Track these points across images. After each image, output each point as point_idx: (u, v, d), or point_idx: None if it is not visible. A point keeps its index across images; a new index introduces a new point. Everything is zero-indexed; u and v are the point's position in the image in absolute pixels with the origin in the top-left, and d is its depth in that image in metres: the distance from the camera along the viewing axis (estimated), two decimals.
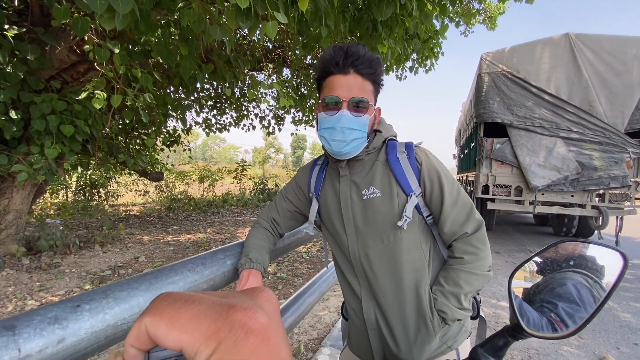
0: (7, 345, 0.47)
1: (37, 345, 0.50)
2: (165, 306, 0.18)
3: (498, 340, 0.49)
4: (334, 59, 0.84)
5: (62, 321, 0.54)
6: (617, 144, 4.92)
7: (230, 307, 0.18)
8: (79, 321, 0.56)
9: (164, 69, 4.12)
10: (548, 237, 6.78)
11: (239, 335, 0.17)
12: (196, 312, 0.18)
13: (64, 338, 0.53)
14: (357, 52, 0.83)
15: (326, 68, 0.86)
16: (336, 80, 0.85)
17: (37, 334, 0.50)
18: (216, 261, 0.94)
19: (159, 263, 4.25)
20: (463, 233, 0.89)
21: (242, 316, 0.17)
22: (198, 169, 12.78)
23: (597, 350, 2.52)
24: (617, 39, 5.01)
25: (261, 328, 0.17)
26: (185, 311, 0.18)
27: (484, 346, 0.51)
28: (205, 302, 0.18)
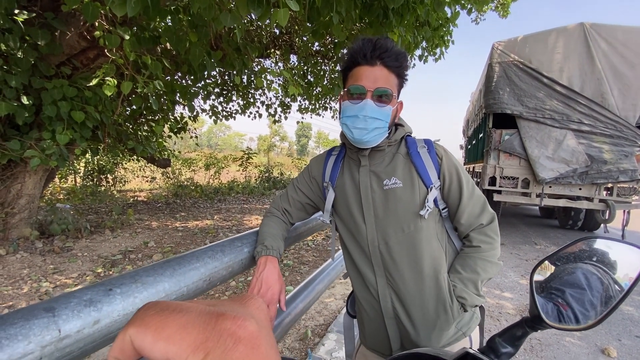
0: (48, 326, 0.50)
1: (75, 326, 0.53)
2: (151, 316, 0.18)
3: (516, 331, 0.51)
4: (362, 50, 0.85)
5: (97, 304, 0.57)
6: (628, 137, 4.85)
7: (219, 315, 0.17)
8: (112, 304, 0.59)
9: (172, 55, 4.11)
10: (553, 230, 6.77)
11: (227, 344, 0.16)
12: (184, 322, 0.17)
13: (99, 320, 0.56)
14: (385, 45, 0.85)
15: (354, 59, 0.88)
16: (362, 71, 0.86)
17: (74, 315, 0.53)
18: (234, 249, 0.97)
19: (168, 249, 4.34)
20: (479, 224, 0.93)
21: (231, 325, 0.17)
22: (204, 156, 12.85)
23: (598, 341, 2.55)
24: (632, 29, 4.87)
25: (251, 337, 0.17)
26: (172, 321, 0.17)
27: (502, 336, 0.52)
28: (193, 311, 0.18)
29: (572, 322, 0.45)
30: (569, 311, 0.45)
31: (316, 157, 1.13)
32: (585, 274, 0.50)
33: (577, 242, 0.50)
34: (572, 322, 0.45)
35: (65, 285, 3.16)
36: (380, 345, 1.01)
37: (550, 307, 0.48)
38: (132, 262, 3.88)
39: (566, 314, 0.46)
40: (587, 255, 0.49)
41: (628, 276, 0.43)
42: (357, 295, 1.04)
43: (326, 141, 72.03)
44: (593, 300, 0.46)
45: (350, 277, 1.06)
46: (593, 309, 0.47)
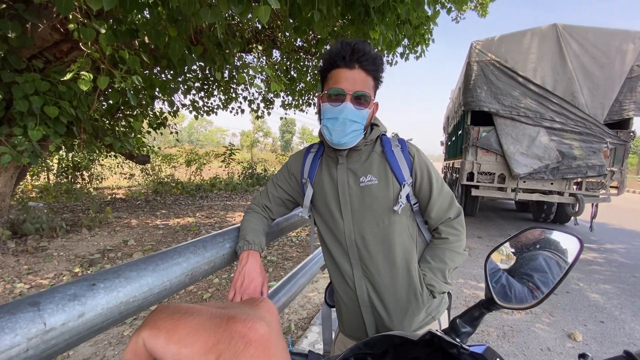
0: (34, 320, 0.51)
1: (60, 319, 0.54)
2: (163, 319, 0.18)
3: (474, 312, 0.57)
4: (341, 53, 0.89)
5: (81, 298, 0.59)
6: (596, 135, 5.12)
7: (230, 318, 0.18)
8: (95, 298, 0.61)
9: (151, 49, 4.01)
10: (528, 223, 7.07)
11: (238, 346, 0.16)
12: (195, 325, 0.17)
13: (83, 313, 0.58)
14: (363, 49, 0.89)
15: (332, 61, 0.91)
16: (341, 74, 0.90)
17: (59, 309, 0.55)
18: (216, 244, 0.99)
19: (149, 247, 4.27)
20: (447, 218, 1.01)
21: (241, 327, 0.17)
22: (185, 152, 12.60)
23: (566, 327, 2.72)
24: (601, 31, 5.12)
25: (261, 339, 0.17)
26: (183, 324, 0.17)
27: (462, 317, 0.58)
28: (204, 313, 0.18)
29: (516, 302, 0.50)
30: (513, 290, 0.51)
31: (295, 154, 1.16)
32: (546, 260, 0.56)
33: (523, 232, 0.56)
34: (516, 302, 0.50)
35: (40, 286, 3.07)
36: (357, 332, 1.06)
37: (502, 290, 0.54)
38: (112, 261, 3.80)
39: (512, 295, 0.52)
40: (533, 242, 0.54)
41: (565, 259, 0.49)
42: (335, 286, 1.09)
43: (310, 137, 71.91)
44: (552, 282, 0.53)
45: (328, 269, 1.11)
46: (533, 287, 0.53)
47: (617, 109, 5.11)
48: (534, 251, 0.53)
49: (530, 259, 0.53)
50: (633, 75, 5.01)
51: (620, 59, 4.99)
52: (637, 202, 12.46)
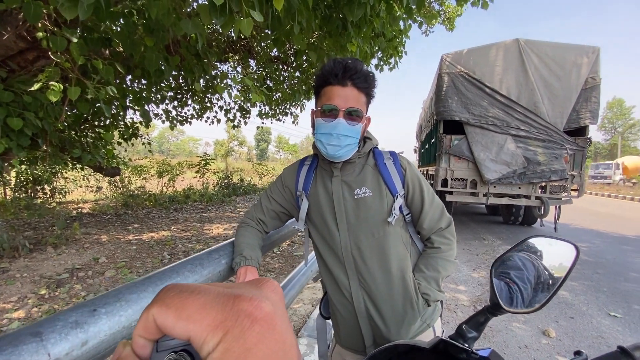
0: (38, 351, 0.48)
1: (64, 349, 0.52)
2: (172, 297, 0.18)
3: (480, 317, 0.60)
4: (334, 71, 0.92)
5: (83, 325, 0.56)
6: (557, 141, 5.50)
7: (236, 297, 0.18)
8: (98, 324, 0.58)
9: (123, 58, 3.89)
10: (498, 226, 7.41)
11: (245, 324, 0.17)
12: (203, 302, 0.18)
13: (87, 341, 0.55)
14: (355, 67, 0.92)
15: (326, 78, 0.95)
16: (334, 91, 0.93)
17: (62, 338, 0.52)
18: (212, 261, 0.97)
19: (122, 264, 4.06)
20: (439, 228, 1.05)
21: (247, 306, 0.18)
22: (156, 163, 12.15)
23: (540, 324, 2.86)
24: (558, 45, 5.55)
25: (266, 317, 0.18)
26: (192, 301, 0.18)
27: (468, 323, 0.61)
28: (211, 292, 0.19)
29: (523, 306, 0.54)
30: (517, 294, 0.55)
31: (289, 167, 1.17)
32: (521, 259, 0.61)
33: (525, 240, 0.60)
34: (523, 306, 0.54)
35: (4, 311, 2.83)
36: (355, 343, 1.07)
37: (506, 294, 0.58)
38: (81, 280, 3.58)
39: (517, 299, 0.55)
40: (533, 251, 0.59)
41: (563, 265, 0.53)
42: (331, 298, 1.10)
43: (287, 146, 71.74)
44: (530, 277, 0.58)
45: (324, 281, 1.12)
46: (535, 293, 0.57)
47: (574, 117, 5.53)
48: (534, 258, 0.57)
49: (531, 265, 0.57)
50: (588, 87, 5.45)
51: (576, 71, 5.42)
52: (595, 204, 13.42)
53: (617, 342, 2.58)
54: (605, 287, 3.77)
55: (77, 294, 3.27)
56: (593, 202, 14.18)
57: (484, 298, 3.39)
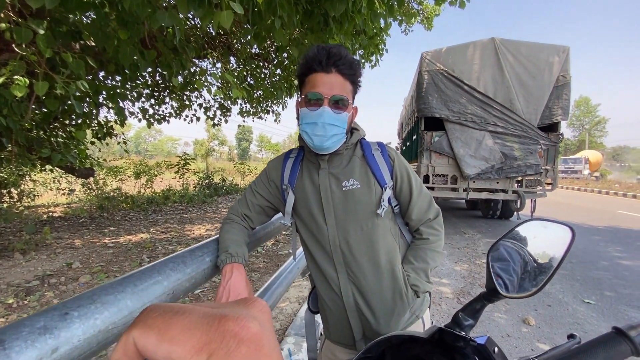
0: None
1: (30, 357, 0.46)
2: (154, 318, 0.18)
3: (476, 305, 0.59)
4: (318, 57, 0.89)
5: (53, 330, 0.51)
6: (532, 137, 5.70)
7: (222, 317, 0.17)
8: (70, 329, 0.53)
9: (96, 52, 3.71)
10: (478, 220, 7.62)
11: (231, 345, 0.16)
12: (187, 323, 0.17)
13: (57, 347, 0.50)
14: (339, 53, 0.89)
15: (309, 65, 0.91)
16: (319, 78, 0.90)
17: (28, 345, 0.47)
18: (195, 259, 0.92)
19: (98, 268, 3.88)
20: (427, 219, 1.04)
21: (234, 326, 0.17)
22: (133, 164, 11.72)
23: (520, 313, 2.95)
24: (532, 45, 5.75)
25: (253, 337, 0.17)
26: (175, 322, 0.17)
27: (465, 310, 0.60)
28: (195, 312, 0.18)
29: (520, 291, 0.53)
30: (514, 279, 0.54)
31: (273, 160, 1.13)
32: (507, 249, 0.60)
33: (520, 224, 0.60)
34: (520, 291, 0.53)
35: None
36: (344, 337, 1.05)
37: (504, 281, 0.57)
38: (53, 287, 3.39)
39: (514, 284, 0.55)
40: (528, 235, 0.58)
41: (559, 248, 0.52)
42: (320, 292, 1.07)
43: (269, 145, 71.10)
44: (515, 268, 0.58)
45: (312, 276, 1.09)
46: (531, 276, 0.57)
47: (547, 114, 5.75)
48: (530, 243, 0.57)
49: (526, 250, 0.57)
50: (559, 84, 5.68)
51: (549, 69, 5.64)
52: (566, 197, 14.07)
53: (592, 328, 2.70)
54: (578, 276, 3.94)
55: (49, 301, 3.10)
56: (565, 195, 14.86)
57: (467, 290, 3.46)
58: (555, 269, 0.52)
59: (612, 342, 0.45)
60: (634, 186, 17.54)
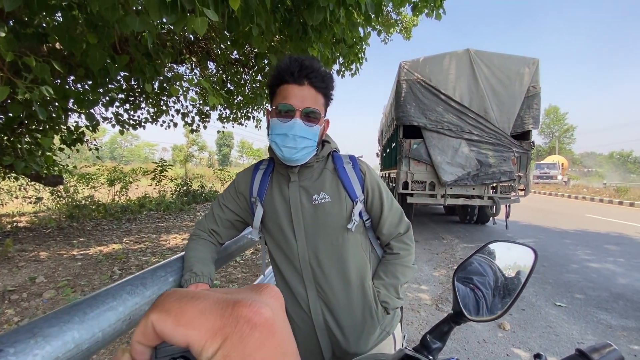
0: None
1: None
2: (171, 302, 0.18)
3: (443, 327, 0.57)
4: (290, 69, 0.87)
5: None
6: (505, 145, 5.91)
7: (236, 302, 0.18)
8: None
9: (64, 56, 3.55)
10: (456, 225, 7.78)
11: (244, 330, 0.17)
12: (202, 308, 0.18)
13: None
14: (312, 66, 0.88)
15: (281, 77, 0.89)
16: (290, 90, 0.88)
17: None
18: (157, 279, 0.87)
19: (64, 283, 3.67)
20: (398, 233, 1.03)
21: (247, 311, 0.17)
22: (107, 171, 11.27)
23: None
24: (504, 56, 5.99)
25: (266, 323, 0.17)
26: (191, 307, 0.18)
27: (432, 333, 0.58)
28: (210, 298, 0.18)
29: (486, 314, 0.53)
30: (481, 300, 0.54)
31: (242, 171, 1.10)
32: (480, 264, 0.60)
33: (485, 246, 0.59)
34: (486, 314, 0.53)
35: None
36: (313, 356, 1.02)
37: (470, 301, 0.56)
38: (14, 304, 3.17)
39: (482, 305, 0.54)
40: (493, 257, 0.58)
41: (523, 270, 0.52)
42: (288, 311, 1.03)
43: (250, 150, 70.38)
44: (490, 282, 0.57)
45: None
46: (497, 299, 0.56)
47: (519, 122, 5.98)
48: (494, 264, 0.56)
49: (491, 271, 0.56)
50: (530, 95, 5.93)
51: (520, 80, 5.88)
52: (539, 201, 14.65)
53: (564, 331, 2.78)
54: (550, 279, 4.07)
55: (9, 319, 2.89)
56: (537, 200, 15.47)
57: (445, 296, 3.50)
58: (520, 290, 0.51)
59: None
60: (600, 191, 18.49)
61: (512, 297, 0.51)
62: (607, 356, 0.44)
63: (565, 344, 2.57)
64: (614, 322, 2.96)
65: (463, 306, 0.54)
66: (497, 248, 0.58)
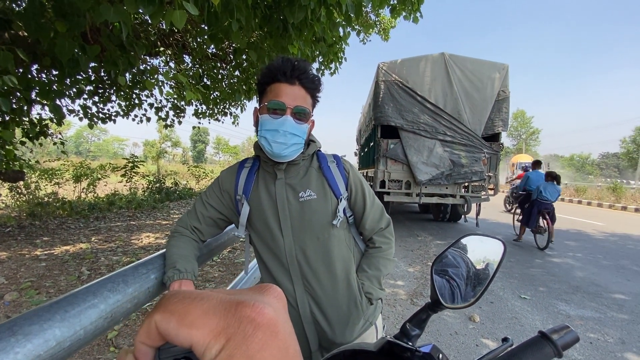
0: None
1: None
2: (175, 303, 0.19)
3: (422, 315, 0.61)
4: (282, 68, 0.90)
5: None
6: (476, 146, 6.17)
7: (239, 303, 0.18)
8: None
9: (29, 44, 3.35)
10: (430, 223, 8.04)
11: (247, 330, 0.17)
12: (205, 309, 0.18)
13: None
14: (303, 67, 0.92)
15: (273, 75, 0.92)
16: (282, 88, 0.91)
17: None
18: (139, 277, 0.86)
19: (27, 284, 3.46)
20: (379, 228, 1.08)
21: (250, 312, 0.18)
22: (72, 166, 10.67)
23: (466, 311, 3.15)
24: (476, 61, 6.25)
25: (269, 323, 0.18)
26: (194, 308, 0.18)
27: (411, 321, 0.62)
28: (213, 298, 0.19)
29: (460, 302, 0.57)
30: (456, 289, 0.58)
31: (227, 169, 1.10)
32: (454, 257, 0.64)
33: (460, 239, 0.64)
34: (460, 302, 0.57)
35: None
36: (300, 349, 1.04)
37: (446, 291, 0.60)
38: None
39: (457, 294, 0.58)
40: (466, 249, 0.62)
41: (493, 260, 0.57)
42: None
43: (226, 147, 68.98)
44: (463, 273, 0.62)
45: None
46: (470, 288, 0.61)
47: (490, 125, 6.27)
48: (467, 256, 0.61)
49: (464, 263, 0.61)
50: (500, 98, 6.23)
51: (491, 84, 6.16)
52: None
53: (528, 321, 2.97)
54: (516, 273, 4.32)
55: None
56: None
57: (420, 291, 3.63)
58: (490, 279, 0.56)
59: (538, 345, 0.49)
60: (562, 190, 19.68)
61: (483, 286, 0.55)
62: (565, 337, 0.49)
63: (529, 333, 2.75)
64: (572, 312, 3.19)
65: (440, 295, 0.58)
66: (471, 241, 0.63)
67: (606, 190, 16.67)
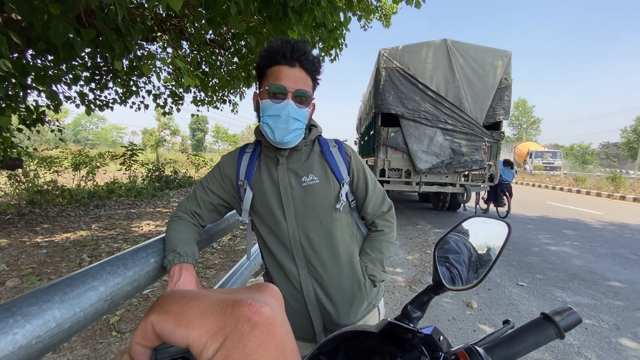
0: None
1: None
2: (171, 303, 0.18)
3: (423, 297, 0.61)
4: (282, 50, 0.87)
5: None
6: (477, 135, 6.13)
7: (236, 302, 0.18)
8: None
9: (23, 28, 3.28)
10: (429, 211, 8.07)
11: (244, 330, 0.17)
12: (202, 308, 0.18)
13: None
14: (303, 49, 0.89)
15: (272, 57, 0.89)
16: (282, 71, 0.89)
17: None
18: (138, 260, 0.85)
19: (29, 271, 3.49)
20: (381, 212, 1.09)
21: (247, 311, 0.18)
22: (71, 154, 10.62)
23: (464, 297, 3.19)
24: (479, 48, 6.15)
25: (266, 322, 0.18)
26: (191, 308, 0.18)
27: (413, 303, 0.62)
28: (210, 298, 0.18)
29: (462, 284, 0.57)
30: (456, 274, 0.58)
31: (228, 154, 1.09)
32: (456, 243, 0.64)
33: (463, 221, 0.63)
34: (462, 284, 0.57)
35: None
36: (304, 332, 1.06)
37: (447, 274, 0.60)
38: None
39: (457, 278, 0.58)
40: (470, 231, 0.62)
41: (497, 242, 0.56)
42: (279, 289, 1.06)
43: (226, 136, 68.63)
44: (465, 259, 0.61)
45: (271, 273, 1.07)
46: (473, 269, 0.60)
47: (491, 113, 6.21)
48: (472, 237, 0.60)
49: (467, 245, 0.60)
50: (502, 86, 6.16)
51: (493, 72, 6.08)
52: None
53: (525, 307, 3.00)
54: (514, 261, 4.35)
55: None
56: None
57: (418, 278, 3.66)
58: (494, 261, 0.56)
59: (540, 326, 0.49)
60: (561, 180, 19.71)
61: (486, 268, 0.55)
62: (567, 318, 0.49)
63: (525, 319, 2.78)
64: (569, 299, 3.23)
65: (442, 277, 0.58)
66: (474, 223, 0.62)
67: (605, 179, 16.69)
